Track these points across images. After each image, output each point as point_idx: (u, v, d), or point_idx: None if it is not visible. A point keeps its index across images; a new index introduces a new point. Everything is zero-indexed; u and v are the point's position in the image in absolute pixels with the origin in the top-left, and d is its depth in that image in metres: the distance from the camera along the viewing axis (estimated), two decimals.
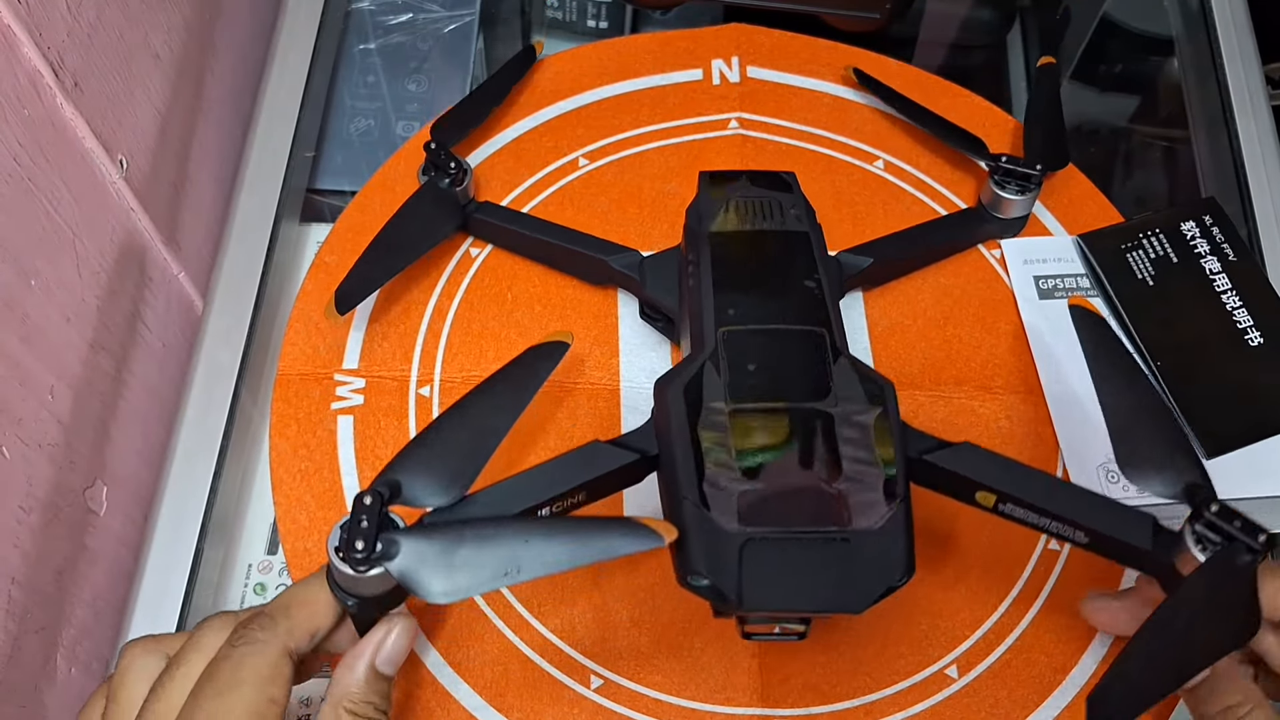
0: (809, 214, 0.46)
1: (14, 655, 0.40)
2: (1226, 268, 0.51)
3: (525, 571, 0.33)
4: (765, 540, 0.35)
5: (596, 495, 0.39)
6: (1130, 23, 0.67)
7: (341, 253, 0.52)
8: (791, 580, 0.34)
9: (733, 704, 0.42)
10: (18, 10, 0.39)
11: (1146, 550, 0.37)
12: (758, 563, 0.34)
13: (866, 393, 0.38)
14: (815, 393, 0.38)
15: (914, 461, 0.38)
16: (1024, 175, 0.51)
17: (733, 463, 0.36)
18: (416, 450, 0.37)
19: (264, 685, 0.32)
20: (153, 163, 0.50)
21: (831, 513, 0.35)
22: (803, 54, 0.60)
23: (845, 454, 0.37)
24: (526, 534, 0.34)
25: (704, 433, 0.37)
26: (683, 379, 0.39)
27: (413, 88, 0.61)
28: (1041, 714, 0.42)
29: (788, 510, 0.35)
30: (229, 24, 0.59)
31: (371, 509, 0.33)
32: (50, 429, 0.42)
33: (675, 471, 0.37)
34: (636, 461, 0.39)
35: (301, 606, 0.34)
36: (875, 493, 0.36)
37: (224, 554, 0.47)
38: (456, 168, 0.50)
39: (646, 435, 0.39)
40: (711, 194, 0.46)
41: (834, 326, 0.41)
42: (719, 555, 0.35)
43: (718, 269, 0.43)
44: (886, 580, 0.35)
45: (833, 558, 0.35)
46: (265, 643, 0.32)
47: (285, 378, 0.49)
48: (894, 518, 0.35)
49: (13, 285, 0.39)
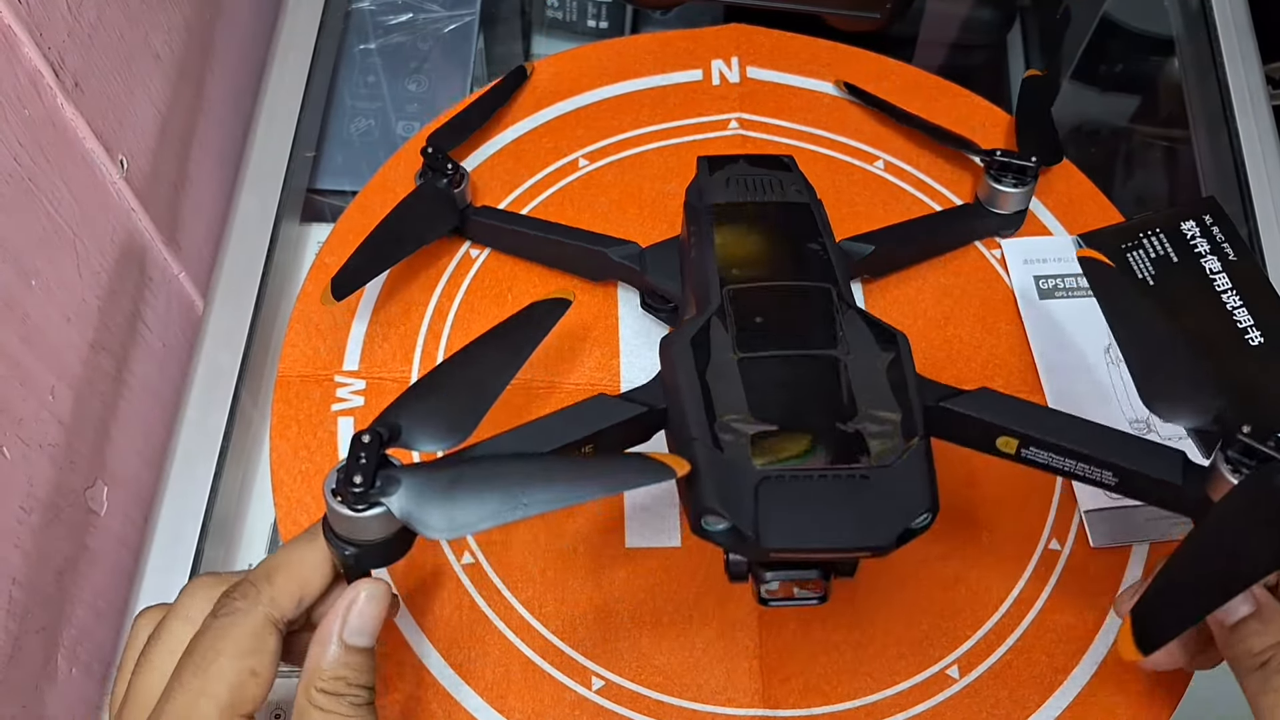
0: (809, 190, 0.45)
1: (14, 655, 0.40)
2: (1227, 267, 0.51)
3: (532, 505, 0.31)
4: (782, 478, 0.33)
5: (603, 449, 0.37)
6: (1130, 22, 0.67)
7: (342, 253, 0.52)
8: (811, 518, 0.33)
9: (734, 705, 0.42)
10: (18, 10, 0.39)
11: (1178, 484, 0.35)
12: (775, 500, 0.33)
13: (878, 339, 0.37)
14: (825, 341, 0.37)
15: (930, 410, 0.37)
16: (1019, 168, 0.51)
17: (744, 407, 0.35)
18: (416, 395, 0.35)
19: (244, 657, 0.30)
20: (153, 163, 0.50)
21: (849, 451, 0.34)
22: (803, 54, 0.60)
23: (860, 395, 0.35)
24: (533, 468, 0.32)
25: (713, 381, 0.36)
26: (688, 333, 0.38)
27: (413, 88, 0.61)
28: (1043, 714, 0.42)
29: (804, 446, 0.34)
30: (229, 24, 0.59)
31: (370, 447, 0.32)
32: (51, 429, 0.42)
33: (685, 418, 0.35)
34: (644, 414, 0.37)
35: (286, 569, 0.32)
36: (892, 431, 0.35)
37: (224, 555, 0.47)
38: (454, 170, 0.50)
39: (654, 390, 0.38)
40: (710, 174, 0.46)
41: (841, 283, 0.40)
42: (735, 493, 0.33)
43: (721, 235, 0.42)
44: (909, 516, 0.33)
45: (853, 494, 0.33)
46: (246, 612, 0.31)
47: (286, 379, 0.49)
48: (914, 454, 0.34)
49: (13, 285, 0.39)
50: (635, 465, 0.33)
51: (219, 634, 0.31)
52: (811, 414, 0.35)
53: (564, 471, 0.33)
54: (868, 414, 0.35)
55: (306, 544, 0.33)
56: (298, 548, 0.33)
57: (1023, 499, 0.47)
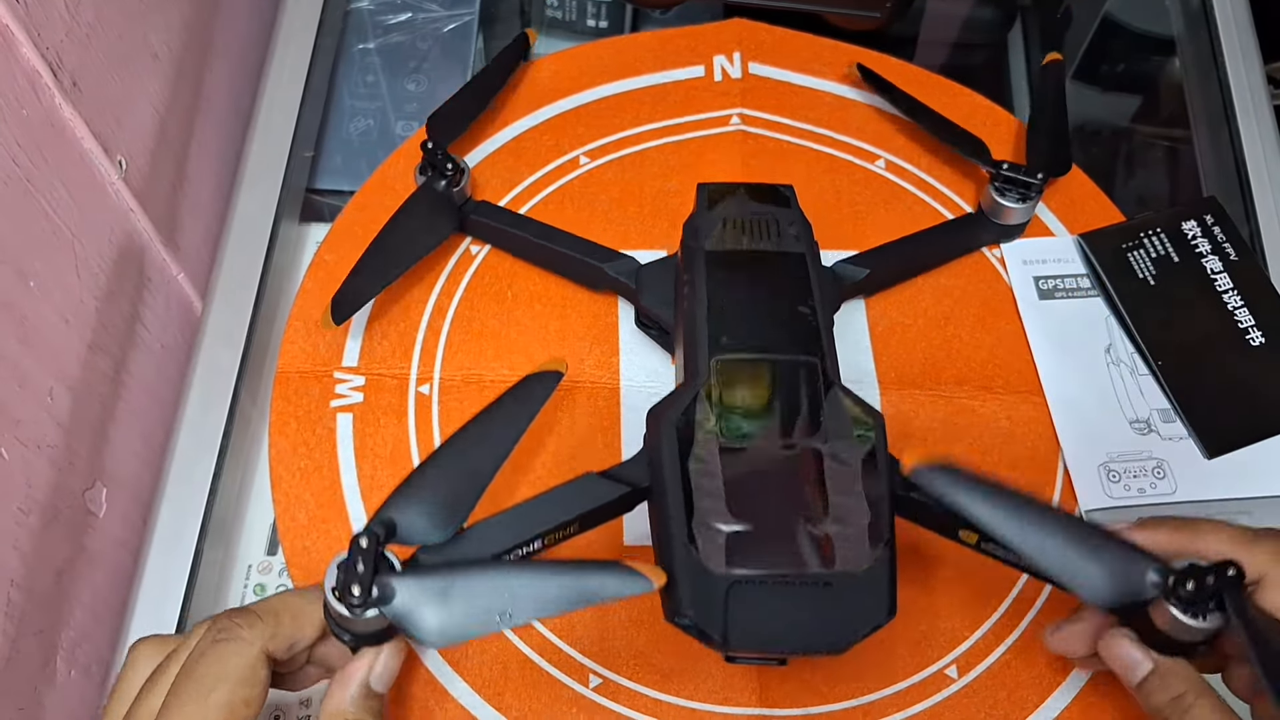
0: (806, 230, 0.46)
1: (13, 657, 0.40)
2: (1228, 267, 0.51)
3: (518, 615, 0.33)
4: (751, 583, 0.35)
5: (589, 526, 0.40)
6: (1132, 22, 0.66)
7: (341, 251, 0.52)
8: (776, 623, 0.35)
9: (731, 703, 0.42)
10: (16, 10, 0.38)
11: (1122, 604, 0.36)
12: (743, 605, 0.35)
13: (856, 425, 0.39)
14: (806, 429, 0.39)
15: (900, 497, 0.39)
16: (1024, 184, 0.51)
17: (722, 502, 0.37)
18: (411, 488, 0.37)
19: (240, 685, 0.32)
20: (152, 163, 0.49)
21: (817, 556, 0.36)
22: (805, 52, 0.60)
23: (833, 494, 0.37)
24: (519, 576, 0.34)
25: (695, 469, 0.38)
26: (675, 411, 0.39)
27: (412, 87, 0.61)
28: (1041, 714, 0.42)
29: (774, 552, 0.36)
30: (228, 23, 0.58)
31: (368, 552, 0.34)
32: (49, 430, 0.42)
33: (666, 509, 0.37)
34: (628, 494, 0.39)
35: (290, 615, 0.34)
36: (860, 535, 0.36)
37: (223, 555, 0.47)
38: (453, 168, 0.50)
39: (639, 467, 0.40)
40: (709, 208, 0.46)
41: (827, 355, 0.42)
42: (706, 598, 0.35)
43: (713, 291, 0.43)
44: (869, 623, 0.36)
45: (817, 601, 0.35)
46: (248, 642, 0.33)
47: (285, 375, 0.49)
48: (878, 562, 0.36)
49: (11, 286, 0.39)
50: (616, 577, 0.34)
51: (219, 658, 0.32)
52: (785, 513, 0.37)
53: (550, 579, 0.34)
54: (838, 516, 0.37)
55: (313, 601, 0.35)
56: (303, 599, 0.35)
57: None
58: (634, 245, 0.52)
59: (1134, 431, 0.48)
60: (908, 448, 0.42)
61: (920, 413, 0.48)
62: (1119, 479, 0.47)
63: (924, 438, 0.48)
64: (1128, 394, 0.49)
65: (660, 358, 0.50)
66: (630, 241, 0.52)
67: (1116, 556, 0.36)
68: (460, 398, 0.48)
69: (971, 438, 0.48)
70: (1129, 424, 0.48)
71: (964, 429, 0.48)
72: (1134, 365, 0.50)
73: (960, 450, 0.48)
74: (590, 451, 0.47)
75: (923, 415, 0.48)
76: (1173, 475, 0.47)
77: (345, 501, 0.46)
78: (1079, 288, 0.52)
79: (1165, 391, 0.49)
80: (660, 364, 0.50)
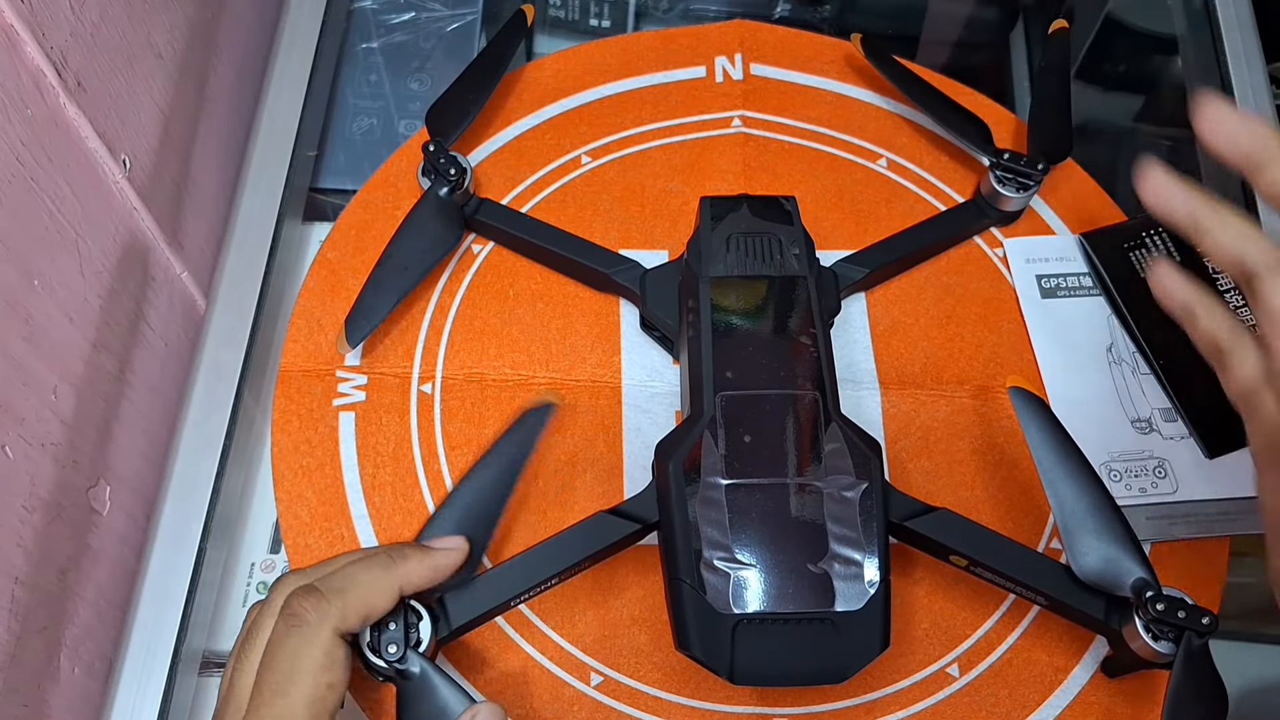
0: (808, 249, 0.47)
1: (17, 654, 0.40)
2: None
3: None
4: (755, 622, 0.38)
5: (600, 560, 0.42)
6: (1134, 22, 0.66)
7: (344, 249, 0.52)
8: (779, 658, 0.38)
9: (732, 702, 0.42)
10: (20, 10, 0.39)
11: (1099, 619, 0.40)
12: (748, 643, 0.38)
13: (855, 463, 0.41)
14: (807, 464, 0.41)
15: (895, 526, 0.41)
16: (1025, 173, 0.51)
17: (727, 543, 0.39)
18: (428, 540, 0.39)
19: (319, 674, 0.33)
20: (156, 162, 0.50)
21: (817, 594, 0.38)
22: (806, 51, 0.60)
23: (832, 532, 0.39)
24: None
25: (701, 510, 0.40)
26: (683, 450, 0.41)
27: (415, 86, 0.61)
28: (1042, 713, 0.42)
29: (777, 592, 0.38)
30: (232, 23, 0.59)
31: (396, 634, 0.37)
32: (53, 428, 0.42)
33: (674, 548, 0.40)
34: (639, 530, 0.42)
35: (356, 589, 0.35)
36: (858, 573, 0.38)
37: (227, 553, 0.47)
38: (456, 171, 0.50)
39: (648, 502, 0.42)
40: (712, 225, 0.47)
41: (827, 387, 0.43)
42: (713, 636, 0.38)
43: (717, 323, 0.45)
44: (865, 657, 0.38)
45: (817, 637, 0.38)
46: (317, 628, 0.33)
47: (287, 374, 0.49)
48: (874, 598, 0.38)
49: (16, 285, 0.40)
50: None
51: (294, 655, 0.33)
52: (788, 551, 0.39)
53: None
54: (837, 553, 0.39)
55: (381, 570, 0.36)
56: (370, 570, 0.36)
57: (1023, 500, 0.47)
58: (635, 245, 0.52)
59: (1135, 431, 0.48)
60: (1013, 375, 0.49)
61: (921, 411, 0.49)
62: (1120, 478, 0.47)
63: (924, 437, 0.48)
64: (1129, 393, 0.49)
65: (662, 357, 0.50)
66: (631, 241, 0.52)
67: (1119, 548, 0.40)
68: (462, 396, 0.48)
69: (972, 437, 0.48)
70: (1130, 423, 0.48)
71: (965, 428, 0.48)
72: (1135, 364, 0.50)
73: (961, 449, 0.48)
74: (592, 450, 0.47)
75: (924, 414, 0.49)
76: (1174, 474, 0.47)
77: (347, 499, 0.46)
78: (1081, 286, 0.52)
79: (1166, 391, 0.49)
80: (662, 363, 0.50)
